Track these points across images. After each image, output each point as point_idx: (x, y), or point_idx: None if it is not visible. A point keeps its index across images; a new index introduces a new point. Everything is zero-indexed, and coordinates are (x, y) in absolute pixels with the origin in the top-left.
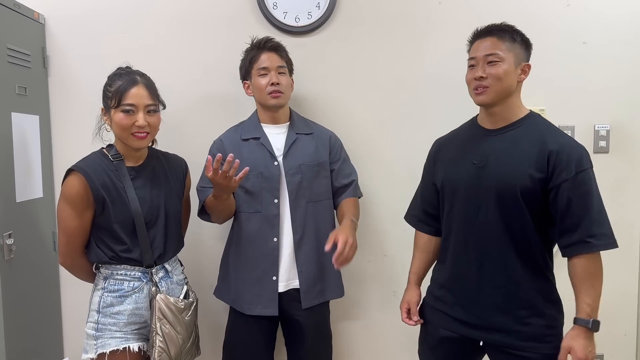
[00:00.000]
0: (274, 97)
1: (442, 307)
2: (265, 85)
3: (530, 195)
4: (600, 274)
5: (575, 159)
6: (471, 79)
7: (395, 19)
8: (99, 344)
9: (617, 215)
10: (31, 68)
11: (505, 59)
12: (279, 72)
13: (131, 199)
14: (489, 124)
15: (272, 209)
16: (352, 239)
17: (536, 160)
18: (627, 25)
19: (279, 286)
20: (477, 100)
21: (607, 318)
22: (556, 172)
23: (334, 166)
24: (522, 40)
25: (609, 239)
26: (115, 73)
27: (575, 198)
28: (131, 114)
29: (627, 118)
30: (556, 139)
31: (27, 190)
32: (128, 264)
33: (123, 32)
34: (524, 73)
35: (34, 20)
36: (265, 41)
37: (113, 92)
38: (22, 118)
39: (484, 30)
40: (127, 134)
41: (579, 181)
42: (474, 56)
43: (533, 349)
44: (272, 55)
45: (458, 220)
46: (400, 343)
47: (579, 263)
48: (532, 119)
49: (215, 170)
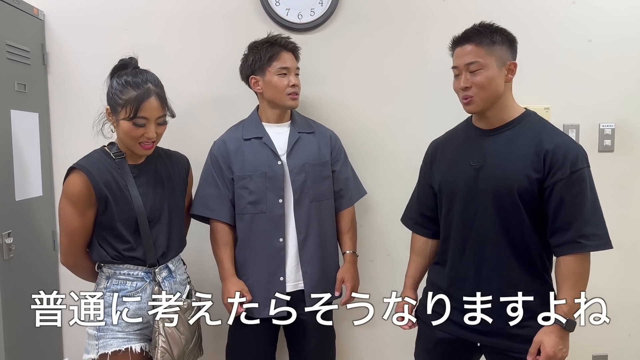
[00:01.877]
0: (292, 98)
1: (438, 309)
2: (286, 86)
3: (527, 196)
4: (585, 275)
5: (571, 159)
6: (457, 88)
7: (398, 15)
8: (101, 344)
9: (621, 214)
10: (30, 65)
11: (486, 64)
12: (295, 74)
13: (134, 197)
14: (484, 125)
15: (277, 209)
16: (357, 283)
17: (533, 160)
18: (632, 23)
19: (287, 286)
20: (466, 109)
21: (612, 318)
22: (552, 171)
23: (334, 167)
24: (504, 39)
25: (602, 240)
26: (125, 77)
27: (568, 198)
28: (142, 127)
29: (633, 117)
30: (552, 138)
31: (26, 188)
32: (131, 263)
33: (124, 29)
34: (511, 72)
35: (34, 16)
36: (287, 40)
37: (126, 101)
38: (21, 115)
39: (461, 36)
40: (135, 142)
41: (573, 181)
42: (456, 65)
43: None
44: (291, 55)
45: (456, 223)
46: (404, 343)
47: (565, 261)
48: (527, 118)
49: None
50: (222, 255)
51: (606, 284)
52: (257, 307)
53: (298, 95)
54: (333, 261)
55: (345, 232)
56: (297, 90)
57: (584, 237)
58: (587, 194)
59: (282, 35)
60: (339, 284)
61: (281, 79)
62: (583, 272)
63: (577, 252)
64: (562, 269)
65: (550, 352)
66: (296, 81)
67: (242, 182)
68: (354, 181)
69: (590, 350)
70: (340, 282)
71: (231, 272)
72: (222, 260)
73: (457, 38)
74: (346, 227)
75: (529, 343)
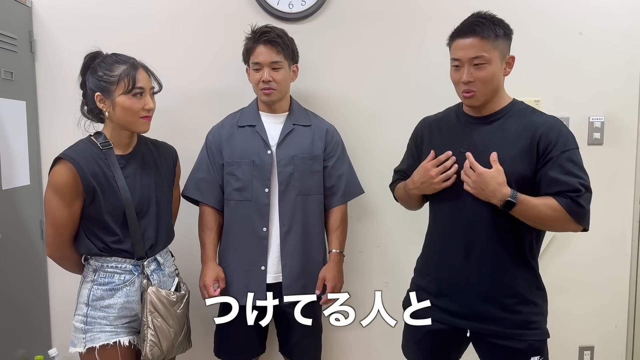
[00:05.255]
0: (265, 93)
1: (426, 297)
2: (258, 81)
3: (519, 182)
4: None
5: (561, 141)
6: (457, 81)
7: (391, 7)
8: (88, 338)
9: (609, 206)
10: (17, 52)
11: (491, 59)
12: (272, 68)
13: (121, 189)
14: (475, 113)
15: (262, 198)
16: (340, 284)
17: (523, 146)
18: (623, 17)
19: (268, 277)
20: (466, 103)
21: (598, 310)
22: (543, 155)
23: (327, 162)
24: (505, 33)
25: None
26: (107, 59)
27: (558, 170)
28: (140, 97)
29: (622, 110)
30: (541, 123)
31: (13, 177)
32: (119, 256)
33: (113, 17)
34: (509, 66)
35: (21, 3)
36: (261, 33)
37: (119, 76)
38: (8, 104)
39: (466, 28)
40: (136, 118)
41: (564, 159)
42: (458, 57)
43: (520, 336)
44: (267, 49)
45: (445, 209)
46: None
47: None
48: (516, 106)
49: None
50: (205, 239)
51: (593, 275)
52: (235, 294)
53: (273, 90)
54: (317, 257)
55: (333, 230)
56: (271, 86)
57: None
58: (576, 167)
59: (265, 27)
60: (320, 282)
61: (254, 74)
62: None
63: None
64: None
65: None
66: (269, 76)
67: (230, 169)
68: (350, 179)
69: (577, 341)
70: (322, 280)
71: (211, 257)
72: (205, 244)
73: (459, 29)
74: (335, 225)
75: (518, 327)
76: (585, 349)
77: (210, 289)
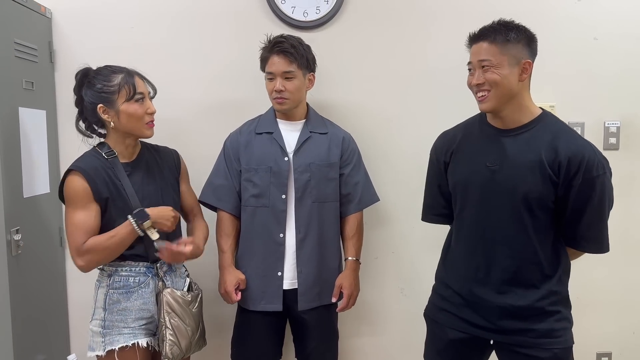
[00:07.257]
0: (277, 102)
1: (449, 307)
2: (271, 90)
3: (542, 201)
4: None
5: (586, 166)
6: (470, 84)
7: (404, 13)
8: (107, 341)
9: (626, 211)
10: (38, 62)
11: (498, 63)
12: (285, 77)
13: (130, 196)
14: (499, 124)
15: (279, 205)
16: (356, 292)
17: (549, 165)
18: (637, 21)
19: (284, 283)
20: (480, 107)
21: (616, 316)
22: (567, 178)
23: (343, 170)
24: (519, 37)
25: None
26: (101, 71)
27: (578, 204)
28: (142, 102)
29: (638, 115)
30: (569, 143)
31: (34, 185)
32: (132, 260)
33: (130, 27)
34: (525, 71)
35: (41, 14)
36: (274, 43)
37: (120, 84)
38: (29, 113)
39: (477, 33)
40: (142, 123)
41: (585, 187)
42: (470, 61)
43: (545, 345)
44: (280, 59)
45: (469, 223)
46: (410, 345)
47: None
48: (545, 120)
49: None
50: (223, 245)
51: (611, 282)
52: (251, 299)
53: (286, 99)
54: (333, 265)
55: (349, 238)
56: (283, 95)
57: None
58: (594, 200)
59: (279, 37)
60: (336, 290)
61: (269, 84)
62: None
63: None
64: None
65: None
66: (282, 86)
67: (247, 175)
68: (366, 187)
69: (594, 348)
70: (339, 288)
71: (229, 262)
72: (223, 250)
73: (473, 35)
74: (350, 232)
75: (543, 337)
76: (603, 355)
77: (233, 295)
